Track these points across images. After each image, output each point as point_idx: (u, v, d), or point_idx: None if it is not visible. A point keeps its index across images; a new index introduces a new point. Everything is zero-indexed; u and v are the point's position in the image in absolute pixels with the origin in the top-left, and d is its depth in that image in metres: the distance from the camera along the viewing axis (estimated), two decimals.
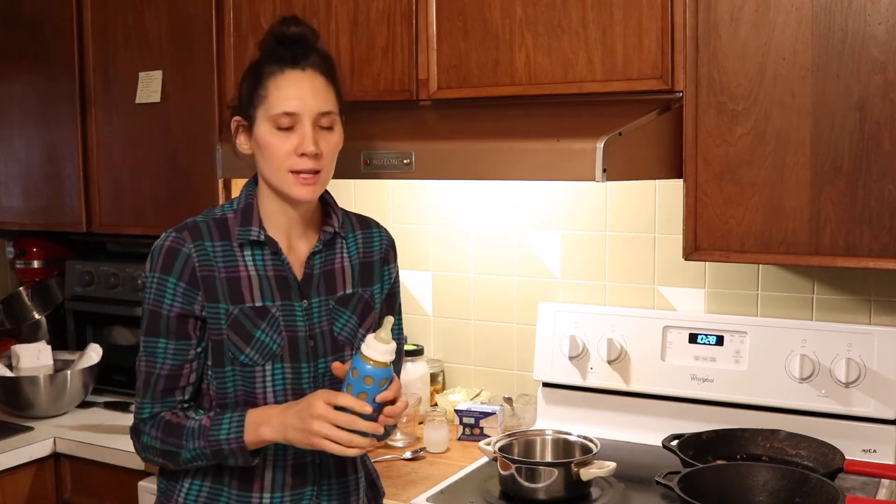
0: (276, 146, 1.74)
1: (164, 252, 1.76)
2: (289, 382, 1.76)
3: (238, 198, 1.84)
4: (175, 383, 1.76)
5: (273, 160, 1.75)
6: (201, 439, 1.71)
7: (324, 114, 1.76)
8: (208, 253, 1.76)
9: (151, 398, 1.77)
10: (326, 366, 1.79)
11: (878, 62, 1.90)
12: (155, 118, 2.85)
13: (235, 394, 1.76)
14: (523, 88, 2.25)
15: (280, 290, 1.78)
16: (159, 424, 1.75)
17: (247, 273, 1.77)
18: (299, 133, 1.74)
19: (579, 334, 2.51)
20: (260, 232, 1.79)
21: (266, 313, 1.76)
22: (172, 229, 1.79)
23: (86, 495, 2.70)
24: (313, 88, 1.75)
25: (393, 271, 1.95)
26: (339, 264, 1.86)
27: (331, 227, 1.85)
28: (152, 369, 1.76)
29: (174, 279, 1.74)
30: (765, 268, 2.39)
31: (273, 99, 1.74)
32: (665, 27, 2.08)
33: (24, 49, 3.09)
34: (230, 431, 1.69)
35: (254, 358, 1.75)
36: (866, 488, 2.10)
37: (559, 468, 2.07)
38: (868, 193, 1.93)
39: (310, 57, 1.77)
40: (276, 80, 1.75)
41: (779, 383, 2.29)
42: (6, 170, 3.19)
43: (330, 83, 1.79)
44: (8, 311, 3.30)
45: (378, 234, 1.95)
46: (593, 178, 1.90)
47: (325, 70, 1.79)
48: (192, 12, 2.75)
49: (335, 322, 1.82)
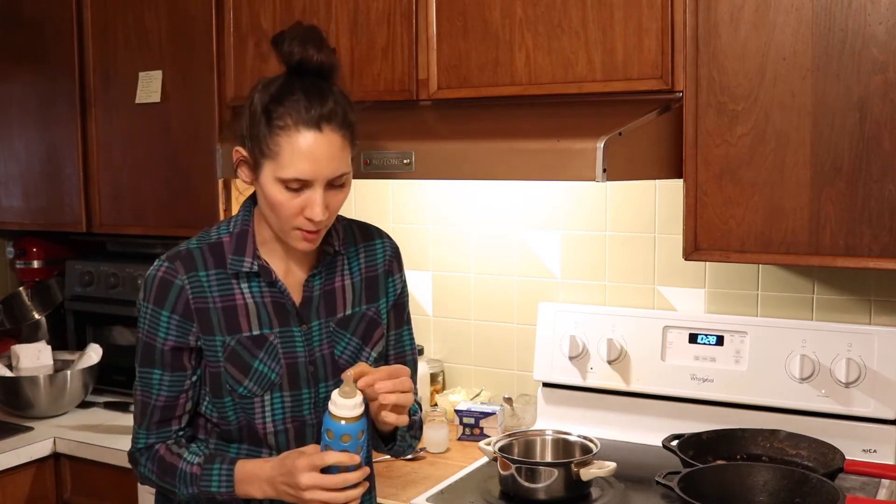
0: (284, 205, 1.63)
1: (157, 284, 1.71)
2: (288, 411, 1.75)
3: (235, 218, 1.77)
4: (171, 413, 1.75)
5: (277, 212, 1.66)
6: (194, 487, 1.72)
7: (337, 177, 1.65)
8: (202, 283, 1.71)
9: (147, 429, 1.76)
10: (327, 391, 1.75)
11: (878, 62, 1.90)
12: (155, 118, 2.85)
13: (238, 420, 1.75)
14: (523, 88, 2.25)
15: (278, 317, 1.74)
16: (154, 459, 1.76)
17: (243, 301, 1.73)
18: (309, 196, 1.63)
19: (579, 334, 2.51)
20: (253, 263, 1.73)
21: (264, 342, 1.73)
22: (165, 257, 1.73)
23: (86, 495, 2.70)
24: (329, 154, 1.62)
25: (398, 282, 1.88)
26: (340, 283, 1.80)
27: (331, 246, 1.78)
28: (148, 400, 1.75)
29: (168, 312, 1.70)
30: (765, 268, 2.39)
31: (285, 160, 1.61)
32: (665, 27, 2.08)
33: (24, 49, 3.09)
34: (220, 484, 1.71)
35: (252, 389, 1.72)
36: (866, 488, 2.10)
37: (559, 468, 2.07)
38: (868, 193, 1.93)
39: (327, 106, 1.61)
40: (289, 137, 1.60)
41: (779, 383, 2.29)
42: (6, 170, 3.19)
43: (346, 138, 1.65)
44: (8, 311, 3.30)
45: (381, 244, 1.87)
46: (593, 178, 1.90)
47: (342, 123, 1.63)
48: (192, 12, 2.75)
49: (336, 346, 1.78)
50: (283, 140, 1.61)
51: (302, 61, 1.65)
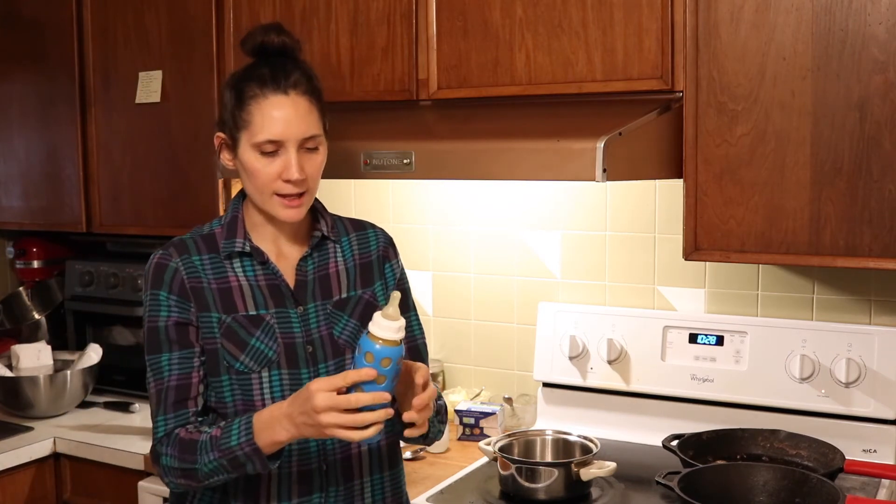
0: (261, 171, 1.72)
1: (153, 269, 1.77)
2: (287, 389, 1.74)
3: (226, 213, 1.84)
4: (186, 393, 1.73)
5: (257, 184, 1.73)
6: (214, 450, 1.66)
7: (308, 138, 1.72)
8: (196, 266, 1.76)
9: (164, 413, 1.74)
10: (328, 370, 1.76)
11: (878, 62, 1.90)
12: (155, 118, 2.85)
13: (234, 403, 1.74)
14: (523, 88, 2.25)
15: (273, 298, 1.77)
16: (174, 443, 1.72)
17: (238, 283, 1.76)
18: (284, 159, 1.71)
19: (579, 334, 2.51)
20: (245, 243, 1.78)
21: (260, 321, 1.75)
22: (160, 248, 1.80)
23: (86, 495, 2.70)
24: (297, 113, 1.71)
25: (396, 268, 1.91)
26: (334, 268, 1.84)
27: (319, 230, 1.83)
28: (161, 385, 1.74)
29: (165, 292, 1.75)
30: (765, 268, 2.39)
31: (256, 125, 1.71)
32: (665, 27, 2.08)
33: (24, 49, 3.09)
34: (240, 436, 1.65)
35: (249, 365, 1.73)
36: (866, 488, 2.10)
37: (559, 468, 2.07)
38: (868, 193, 1.93)
39: (292, 77, 1.72)
40: (258, 104, 1.71)
41: (779, 383, 2.29)
42: (6, 170, 3.19)
43: (314, 103, 1.74)
44: (8, 311, 3.30)
45: (374, 233, 1.92)
46: (593, 178, 1.90)
47: (308, 90, 1.74)
48: (192, 12, 2.75)
49: (334, 326, 1.80)
50: (254, 107, 1.71)
51: (264, 44, 1.76)
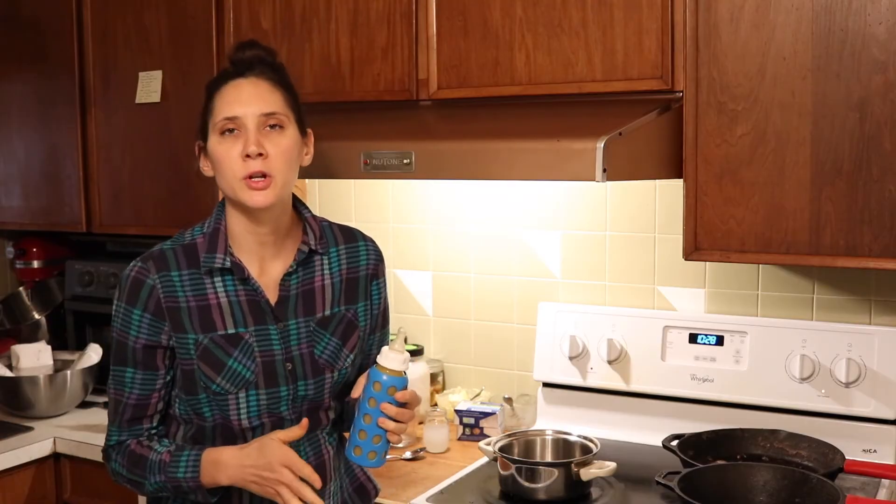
0: (224, 153, 1.72)
1: (130, 283, 1.75)
2: (264, 408, 1.75)
3: (209, 220, 1.81)
4: (142, 412, 1.78)
5: (223, 169, 1.73)
6: (162, 474, 1.73)
7: (268, 115, 1.72)
8: (174, 283, 1.74)
9: (119, 426, 1.79)
10: (307, 389, 1.77)
11: (878, 62, 1.90)
12: (155, 118, 2.85)
13: (213, 417, 1.76)
14: (523, 88, 2.25)
15: (253, 315, 1.76)
16: (125, 452, 1.77)
17: (217, 300, 1.75)
18: (244, 138, 1.71)
19: (579, 334, 2.51)
20: (225, 259, 1.75)
21: (239, 340, 1.74)
22: (140, 258, 1.78)
23: (86, 495, 2.70)
24: (255, 92, 1.73)
25: (382, 287, 1.92)
26: (319, 283, 1.82)
27: (306, 245, 1.80)
28: (120, 398, 1.78)
29: (139, 311, 1.73)
30: (765, 268, 2.39)
31: (216, 109, 1.74)
32: (665, 27, 2.08)
33: (24, 49, 3.09)
34: (187, 470, 1.71)
35: (225, 387, 1.73)
36: (866, 488, 2.10)
37: (559, 468, 2.07)
38: (868, 193, 1.93)
39: (255, 67, 1.76)
40: (220, 91, 1.75)
41: (779, 383, 2.29)
42: (6, 170, 3.19)
43: (277, 86, 1.76)
44: (8, 311, 3.30)
45: (364, 247, 1.90)
46: (593, 178, 1.90)
47: (270, 76, 1.76)
48: (192, 12, 2.74)
49: (316, 345, 1.79)
50: (216, 97, 1.76)
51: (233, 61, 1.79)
